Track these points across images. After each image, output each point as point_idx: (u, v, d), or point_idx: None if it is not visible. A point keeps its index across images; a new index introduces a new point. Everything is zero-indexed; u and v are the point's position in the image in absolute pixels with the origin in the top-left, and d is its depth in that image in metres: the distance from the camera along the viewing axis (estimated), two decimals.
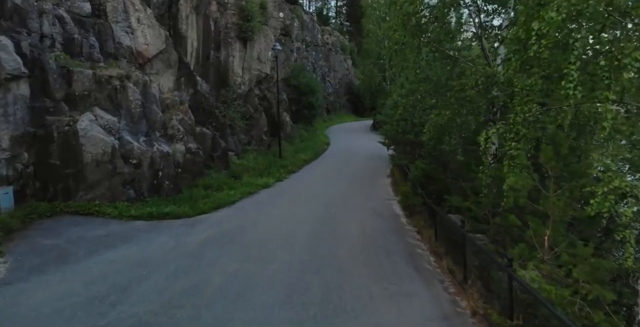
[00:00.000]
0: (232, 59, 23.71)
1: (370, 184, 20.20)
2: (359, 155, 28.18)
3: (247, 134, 24.98)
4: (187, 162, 17.52)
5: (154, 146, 15.99)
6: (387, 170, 23.96)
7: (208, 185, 17.52)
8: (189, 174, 17.61)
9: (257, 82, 25.87)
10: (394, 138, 19.41)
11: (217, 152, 20.49)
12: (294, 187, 19.18)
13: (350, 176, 21.84)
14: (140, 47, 17.87)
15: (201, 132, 19.00)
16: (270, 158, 23.99)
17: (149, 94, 16.87)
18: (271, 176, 20.56)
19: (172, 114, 17.74)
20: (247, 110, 24.85)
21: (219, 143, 20.57)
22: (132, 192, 15.10)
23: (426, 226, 13.78)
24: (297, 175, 22.09)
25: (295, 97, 36.09)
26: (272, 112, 27.25)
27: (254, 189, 18.13)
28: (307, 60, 47.87)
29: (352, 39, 69.22)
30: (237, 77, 23.92)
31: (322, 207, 15.84)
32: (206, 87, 22.09)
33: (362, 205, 16.44)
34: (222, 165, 20.53)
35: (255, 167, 21.54)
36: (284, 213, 14.96)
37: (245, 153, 23.29)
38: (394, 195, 18.38)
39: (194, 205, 15.09)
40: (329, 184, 19.87)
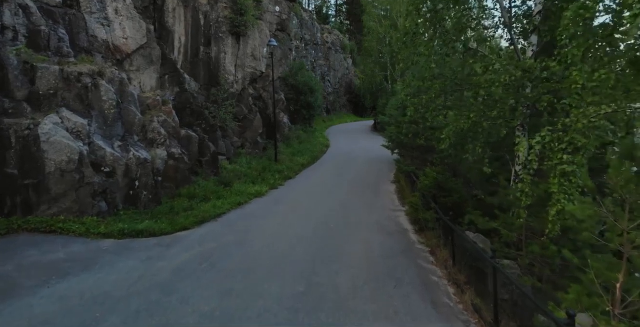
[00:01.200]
0: (224, 56, 21.64)
1: (374, 191, 18.13)
2: (360, 159, 26.10)
3: (240, 137, 22.92)
4: (170, 169, 15.46)
5: (130, 152, 13.94)
6: (391, 175, 21.90)
7: (193, 195, 15.46)
8: (172, 183, 15.56)
9: (251, 80, 23.80)
10: (400, 142, 17.34)
11: (206, 157, 18.43)
12: (289, 196, 17.11)
13: (352, 182, 19.77)
14: (118, 41, 15.80)
15: (187, 135, 16.94)
16: (265, 162, 21.92)
17: (127, 93, 14.82)
18: (265, 183, 18.50)
19: (153, 115, 15.68)
20: (241, 111, 22.78)
21: (208, 147, 18.51)
22: (103, 205, 13.05)
23: (440, 244, 11.73)
24: (294, 181, 20.02)
25: (293, 96, 34.18)
26: (268, 112, 25.19)
27: (245, 198, 16.07)
28: (306, 60, 45.88)
29: (353, 38, 67.08)
30: (229, 76, 21.85)
31: (320, 221, 13.78)
32: (195, 85, 20.02)
33: (365, 218, 14.37)
34: (212, 171, 18.47)
35: (249, 173, 19.48)
36: (277, 229, 12.89)
37: (238, 157, 21.23)
38: (400, 205, 16.31)
39: (174, 219, 13.04)
40: (329, 192, 17.80)
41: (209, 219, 13.58)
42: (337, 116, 51.06)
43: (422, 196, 14.16)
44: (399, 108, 18.42)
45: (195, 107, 19.43)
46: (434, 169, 13.19)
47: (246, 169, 19.88)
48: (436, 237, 12.25)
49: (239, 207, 15.22)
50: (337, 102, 56.48)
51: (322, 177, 20.95)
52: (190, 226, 12.86)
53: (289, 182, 19.70)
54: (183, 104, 17.97)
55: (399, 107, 18.39)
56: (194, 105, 19.42)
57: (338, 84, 57.77)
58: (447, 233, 11.77)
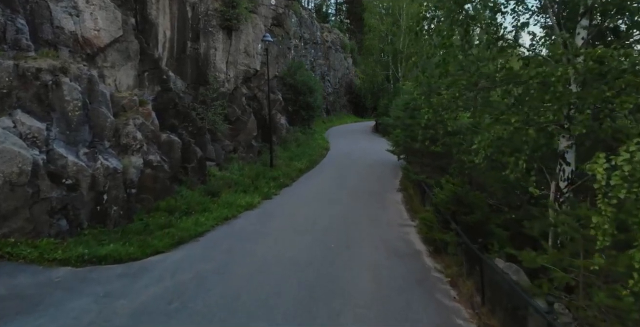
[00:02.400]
0: (214, 52, 19.51)
1: (378, 202, 15.99)
2: (362, 163, 23.95)
3: (232, 140, 20.79)
4: (147, 179, 13.33)
5: (98, 161, 11.81)
6: (396, 181, 19.76)
7: (174, 208, 13.33)
8: (150, 194, 13.43)
9: (244, 79, 21.67)
10: (408, 147, 15.17)
11: (192, 163, 16.30)
12: (284, 208, 14.95)
13: (353, 190, 17.63)
14: (89, 33, 13.66)
15: (168, 139, 14.80)
16: (259, 168, 19.79)
17: (96, 92, 12.69)
18: (258, 192, 16.36)
19: (128, 117, 13.54)
20: (233, 112, 20.65)
21: (194, 152, 16.38)
22: (63, 223, 10.92)
23: (462, 273, 9.62)
24: (290, 190, 17.87)
25: (291, 97, 32.09)
26: (264, 113, 23.06)
27: (233, 211, 13.94)
28: (305, 59, 43.78)
29: (353, 37, 64.93)
30: (220, 73, 19.72)
31: (319, 240, 11.66)
32: (181, 84, 17.91)
33: (369, 235, 12.25)
34: (198, 179, 16.34)
35: (240, 181, 17.35)
36: (267, 252, 10.75)
37: (230, 163, 19.09)
38: (409, 218, 14.19)
39: (146, 241, 10.91)
40: (328, 202, 15.66)
41: (189, 239, 11.45)
42: (337, 117, 48.94)
43: (435, 211, 12.04)
44: (406, 109, 16.31)
45: (181, 108, 17.29)
46: (452, 181, 11.06)
47: (237, 176, 17.75)
48: (456, 263, 10.13)
49: (225, 222, 13.08)
50: (337, 102, 54.38)
51: (322, 184, 18.81)
52: (164, 248, 10.72)
53: (284, 191, 17.55)
54: (165, 105, 15.84)
55: (406, 108, 16.28)
56: (180, 106, 17.29)
57: (338, 83, 55.67)
58: (470, 259, 9.65)
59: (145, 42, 16.79)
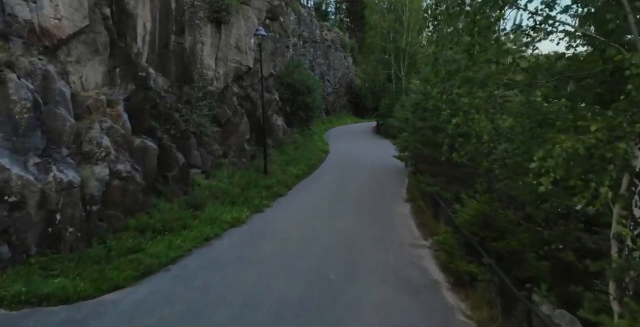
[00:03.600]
0: (201, 47, 17.35)
1: (384, 215, 13.84)
2: (364, 167, 21.78)
3: (222, 144, 18.63)
4: (114, 192, 11.19)
5: (50, 173, 9.66)
6: (403, 189, 17.62)
7: (146, 226, 11.19)
8: (118, 210, 11.28)
9: (236, 77, 19.51)
10: (419, 153, 12.98)
11: (173, 171, 14.15)
12: (276, 224, 12.79)
13: (356, 201, 15.48)
14: (48, 23, 11.49)
15: (142, 145, 12.64)
16: (251, 175, 17.63)
17: (53, 91, 10.55)
18: (247, 204, 14.22)
19: (94, 120, 11.40)
20: (223, 113, 18.50)
21: (175, 158, 14.24)
22: (5, 250, 8.79)
23: (496, 317, 7.48)
24: (285, 200, 15.70)
25: (289, 96, 29.98)
26: (258, 114, 20.91)
27: (216, 229, 11.80)
28: (304, 58, 41.68)
29: (353, 36, 62.82)
30: (208, 71, 17.56)
31: (316, 269, 9.52)
32: (163, 82, 15.74)
33: (376, 261, 10.10)
34: (180, 189, 14.20)
35: (229, 190, 15.21)
36: (251, 288, 8.58)
37: (218, 169, 16.93)
38: (420, 236, 12.05)
39: (104, 272, 8.76)
40: (327, 216, 13.51)
41: (158, 268, 9.30)
42: (337, 117, 46.84)
43: (454, 231, 9.90)
44: (416, 110, 14.17)
45: (162, 109, 15.14)
46: (479, 199, 8.91)
47: (226, 185, 15.60)
48: (486, 301, 7.99)
49: (205, 244, 10.92)
50: (336, 102, 52.31)
51: (320, 193, 16.65)
52: (126, 282, 8.58)
53: (278, 202, 15.38)
54: (141, 105, 13.68)
55: (416, 109, 14.14)
56: (161, 107, 15.13)
57: (338, 83, 53.62)
58: (506, 299, 7.53)
59: (122, 35, 14.68)
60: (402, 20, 35.91)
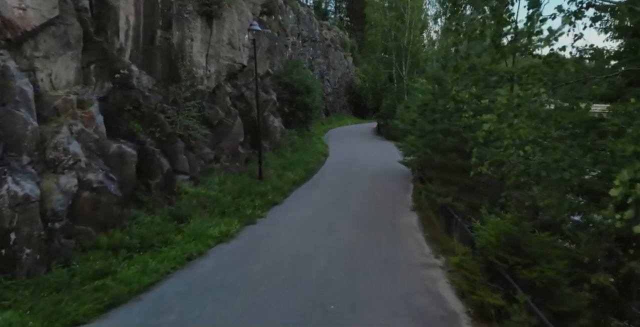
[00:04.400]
0: (190, 43, 15.88)
1: (390, 227, 12.39)
2: (366, 172, 20.32)
3: (214, 147, 17.17)
4: (84, 205, 9.74)
5: (4, 185, 8.20)
6: (408, 196, 16.19)
7: (121, 243, 9.73)
8: (90, 225, 9.83)
9: (229, 75, 18.03)
10: (428, 159, 11.48)
11: (156, 179, 12.71)
12: (269, 239, 11.30)
13: (358, 210, 14.02)
14: (10, 13, 10.03)
15: (119, 151, 11.19)
16: (245, 181, 16.17)
17: (12, 90, 9.11)
18: (238, 215, 12.78)
19: (61, 123, 9.93)
20: (215, 114, 17.03)
21: (159, 164, 12.79)
22: None
23: None
24: (280, 210, 14.23)
25: (288, 97, 28.62)
26: (253, 115, 19.45)
27: (201, 246, 10.34)
28: (303, 57, 40.27)
29: (353, 35, 61.32)
30: (198, 68, 16.09)
31: (313, 299, 8.05)
32: (148, 81, 14.28)
33: (383, 287, 8.64)
34: (164, 198, 12.76)
35: (219, 199, 13.74)
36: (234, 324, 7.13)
37: (209, 175, 15.47)
38: (431, 252, 10.60)
39: (60, 305, 7.30)
40: (326, 230, 12.04)
41: (127, 297, 7.83)
42: (336, 118, 45.39)
43: (473, 252, 8.45)
44: (424, 111, 12.69)
45: (146, 110, 13.69)
46: (506, 217, 7.47)
47: (216, 193, 14.14)
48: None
49: (186, 265, 9.46)
50: (336, 102, 50.87)
51: (319, 201, 15.18)
52: (85, 318, 7.13)
53: (273, 212, 13.92)
54: (119, 105, 12.23)
55: (424, 110, 12.65)
56: (145, 108, 13.68)
57: (338, 83, 52.19)
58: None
59: (102, 29, 13.26)
60: (403, 18, 34.40)
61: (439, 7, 35.97)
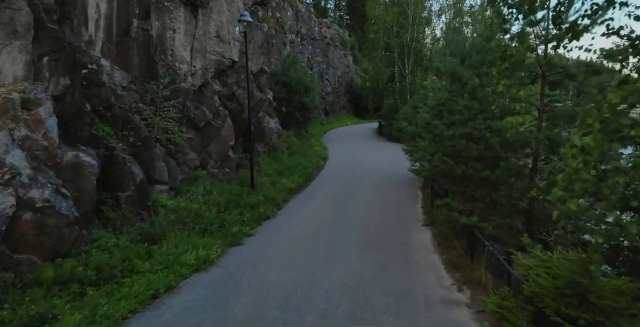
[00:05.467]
0: (173, 35, 13.90)
1: (400, 249, 10.40)
2: (369, 178, 18.36)
3: (202, 151, 15.21)
4: (26, 229, 7.77)
5: None
6: (418, 207, 14.25)
7: (71, 277, 7.75)
8: (34, 253, 7.86)
9: (217, 72, 16.04)
10: (448, 170, 9.44)
11: (127, 191, 10.73)
12: (256, 267, 9.24)
13: (362, 227, 12.04)
14: None
15: (75, 162, 9.19)
16: (234, 190, 14.21)
17: None
18: (223, 234, 10.80)
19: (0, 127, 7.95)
20: (202, 115, 15.05)
21: (130, 174, 10.81)
22: None
23: None
24: (272, 227, 12.23)
25: (285, 96, 26.79)
26: (245, 116, 17.48)
27: (172, 278, 8.34)
28: (302, 56, 38.30)
29: (353, 34, 59.36)
30: (181, 64, 14.11)
31: None
32: (122, 77, 12.30)
33: None
34: (137, 214, 10.79)
35: (202, 213, 11.78)
36: None
37: (193, 184, 13.51)
38: (453, 283, 8.61)
39: None
40: (326, 253, 10.04)
41: None
42: (336, 118, 43.42)
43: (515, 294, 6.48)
44: (440, 113, 10.66)
45: (119, 111, 11.73)
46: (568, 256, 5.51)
47: (200, 206, 12.17)
48: None
49: (151, 306, 7.44)
50: (336, 103, 48.94)
51: (317, 215, 13.18)
52: None
53: (264, 229, 11.93)
54: (79, 106, 10.23)
55: (440, 112, 10.62)
56: (117, 108, 11.73)
57: (337, 83, 50.26)
58: None
59: (67, 17, 11.35)
60: (407, 14, 32.40)
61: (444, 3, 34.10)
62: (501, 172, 8.71)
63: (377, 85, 39.34)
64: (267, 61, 28.17)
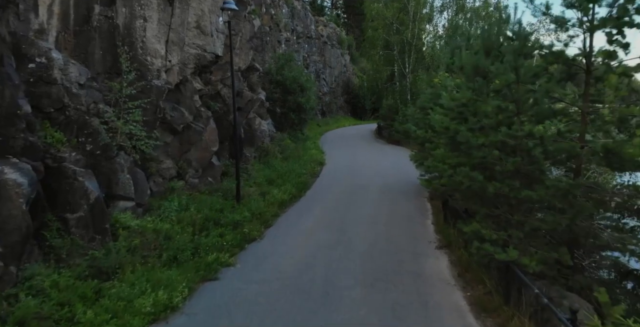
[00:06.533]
0: (143, 24, 11.75)
1: (414, 283, 8.31)
2: (370, 186, 16.29)
3: (180, 158, 13.11)
4: None
5: None
6: (428, 222, 12.21)
7: None
8: None
9: (197, 68, 13.91)
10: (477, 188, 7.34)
11: (78, 212, 8.63)
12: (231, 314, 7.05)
13: (365, 252, 9.93)
14: None
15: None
16: (216, 204, 12.08)
17: None
18: (195, 265, 8.67)
19: None
20: (179, 117, 12.93)
21: (82, 190, 8.71)
22: None
23: None
24: (257, 252, 10.05)
25: (279, 96, 24.83)
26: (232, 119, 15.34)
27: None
28: (298, 54, 36.27)
29: (350, 32, 57.32)
30: (154, 58, 11.98)
31: None
32: (79, 73, 10.18)
33: None
34: (91, 240, 8.67)
35: (173, 236, 9.66)
36: None
37: (167, 198, 11.39)
38: None
39: None
40: (321, 292, 7.91)
41: None
42: (333, 119, 41.45)
43: None
44: (459, 114, 8.55)
45: (73, 113, 9.63)
46: None
47: (172, 226, 10.07)
48: None
49: None
50: (333, 103, 46.95)
51: (311, 235, 11.05)
52: None
53: (246, 255, 9.78)
54: (9, 109, 8.09)
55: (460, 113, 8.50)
56: (71, 110, 9.63)
57: (334, 82, 48.28)
58: None
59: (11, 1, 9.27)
60: (407, 10, 30.34)
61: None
62: (545, 191, 6.65)
63: (375, 84, 37.28)
64: (261, 59, 26.15)
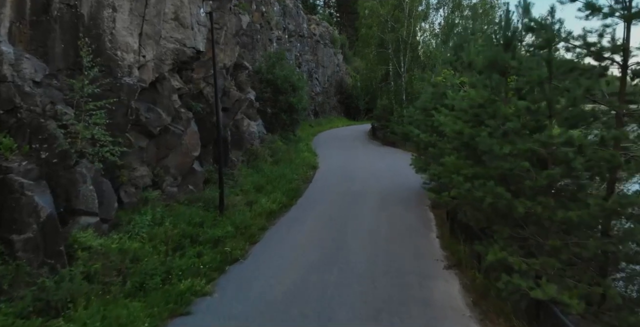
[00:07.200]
0: (112, 14, 10.33)
1: (422, 315, 6.99)
2: (366, 192, 14.97)
3: (157, 164, 11.70)
4: None
5: None
6: (432, 234, 10.92)
7: None
8: None
9: (176, 64, 12.48)
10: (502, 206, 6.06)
11: (26, 233, 7.21)
12: None
13: (364, 274, 8.59)
14: None
15: None
16: (195, 216, 10.69)
17: None
18: (164, 294, 7.28)
19: None
20: (156, 118, 11.51)
21: (31, 206, 7.29)
22: None
23: None
24: (238, 276, 8.57)
25: (270, 96, 23.45)
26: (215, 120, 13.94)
27: None
28: (290, 53, 34.94)
29: (343, 31, 56.01)
30: (124, 52, 10.56)
31: None
32: (34, 69, 8.76)
33: None
34: (42, 264, 7.25)
35: (141, 257, 8.26)
36: None
37: (139, 211, 9.97)
38: None
39: None
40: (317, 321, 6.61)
41: None
42: (326, 120, 40.12)
43: None
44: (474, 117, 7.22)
45: (26, 115, 8.23)
46: None
47: (142, 244, 8.67)
48: None
49: None
50: (326, 103, 45.62)
51: (302, 254, 9.66)
52: None
53: (227, 279, 8.36)
54: None
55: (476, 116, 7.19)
56: (23, 111, 8.22)
57: (327, 82, 46.96)
58: None
59: None
60: (402, 7, 29.08)
61: None
62: (587, 211, 5.37)
63: (369, 84, 35.99)
64: (251, 58, 24.80)
